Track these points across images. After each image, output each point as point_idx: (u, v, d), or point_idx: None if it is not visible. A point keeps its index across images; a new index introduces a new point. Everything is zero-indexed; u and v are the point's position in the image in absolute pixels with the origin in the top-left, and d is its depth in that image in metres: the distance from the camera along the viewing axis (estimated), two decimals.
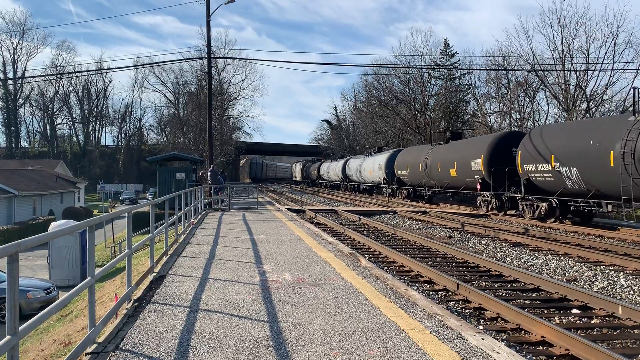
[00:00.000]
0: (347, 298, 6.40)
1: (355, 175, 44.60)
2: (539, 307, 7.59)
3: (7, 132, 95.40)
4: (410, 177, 31.64)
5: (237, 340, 4.79)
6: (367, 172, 40.79)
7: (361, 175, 42.77)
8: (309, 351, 4.50)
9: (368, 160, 41.49)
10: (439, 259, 11.64)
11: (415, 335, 4.94)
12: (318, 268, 8.44)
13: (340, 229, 16.74)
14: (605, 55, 34.98)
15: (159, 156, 39.80)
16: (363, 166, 42.04)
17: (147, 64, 76.18)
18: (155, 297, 6.44)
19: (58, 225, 22.39)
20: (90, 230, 5.21)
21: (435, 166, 27.32)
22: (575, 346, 5.45)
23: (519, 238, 14.42)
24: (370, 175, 40.08)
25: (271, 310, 5.81)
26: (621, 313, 6.85)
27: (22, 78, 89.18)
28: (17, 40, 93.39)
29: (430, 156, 28.26)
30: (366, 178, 41.60)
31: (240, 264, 8.82)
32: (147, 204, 9.33)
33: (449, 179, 26.11)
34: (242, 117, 74.76)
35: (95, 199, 69.58)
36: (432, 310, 5.88)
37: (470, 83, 51.55)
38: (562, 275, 10.11)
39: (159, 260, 9.09)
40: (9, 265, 3.28)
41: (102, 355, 4.46)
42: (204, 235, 13.13)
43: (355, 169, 44.57)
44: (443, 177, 26.63)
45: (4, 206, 38.92)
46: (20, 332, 3.34)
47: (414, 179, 31.21)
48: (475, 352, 4.49)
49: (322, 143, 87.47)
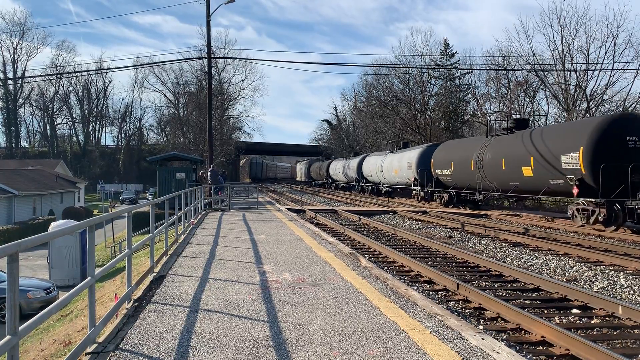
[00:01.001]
0: (347, 298, 6.40)
1: (376, 175, 39.07)
2: (539, 307, 7.59)
3: (7, 132, 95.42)
4: (455, 177, 25.72)
5: (237, 340, 4.79)
6: (390, 172, 35.25)
7: (383, 175, 37.24)
8: (309, 351, 4.50)
9: (392, 157, 35.72)
10: (439, 259, 11.64)
11: (415, 335, 4.94)
12: (318, 268, 8.44)
13: (341, 229, 16.74)
14: (605, 55, 35.08)
15: (159, 156, 39.79)
16: (385, 164, 36.25)
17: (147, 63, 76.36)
18: (155, 297, 6.44)
19: (58, 225, 22.40)
20: (90, 230, 5.21)
21: (496, 163, 21.52)
22: (575, 346, 5.44)
23: (519, 238, 14.42)
24: (395, 176, 34.48)
25: (271, 310, 5.81)
26: (621, 313, 6.84)
27: (22, 78, 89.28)
28: (17, 40, 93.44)
29: (487, 151, 22.27)
30: (389, 178, 35.93)
31: (241, 264, 8.82)
32: (147, 204, 9.33)
33: (518, 180, 20.14)
34: (242, 117, 74.96)
35: (95, 198, 69.57)
36: (432, 310, 5.88)
37: (470, 83, 51.64)
38: (562, 275, 10.11)
39: (159, 260, 9.09)
40: (9, 265, 3.28)
41: (102, 355, 4.46)
42: (204, 235, 13.13)
43: (375, 168, 38.98)
44: (509, 178, 20.72)
45: (4, 206, 38.92)
46: (21, 332, 3.34)
47: (460, 180, 25.27)
48: (475, 352, 4.49)
49: (322, 143, 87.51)
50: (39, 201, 45.05)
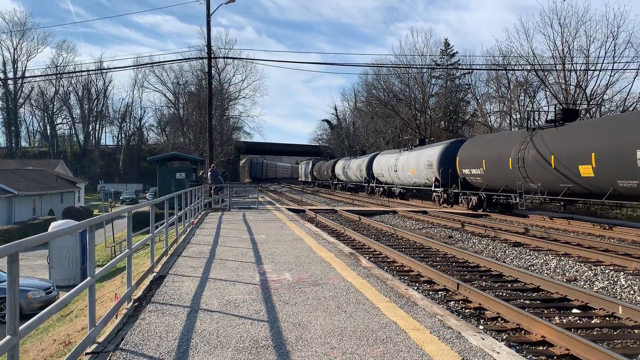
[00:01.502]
0: (347, 298, 6.39)
1: (388, 175, 35.93)
2: (539, 307, 7.59)
3: (7, 132, 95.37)
4: (486, 177, 22.56)
5: (237, 340, 4.79)
6: (406, 171, 32.10)
7: (397, 175, 34.03)
8: (309, 351, 4.50)
9: (408, 155, 32.71)
10: (439, 259, 11.64)
11: (416, 335, 4.94)
12: (318, 268, 8.43)
13: (341, 229, 16.74)
14: (605, 55, 35.03)
15: (159, 156, 39.82)
16: (400, 163, 33.20)
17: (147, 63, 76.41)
18: (155, 297, 6.44)
19: (58, 225, 22.38)
20: (90, 230, 5.21)
21: (543, 161, 18.48)
22: (575, 346, 5.45)
23: (519, 238, 14.42)
24: (412, 176, 31.28)
25: (271, 310, 5.81)
26: (621, 313, 6.85)
27: (22, 78, 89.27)
28: (17, 40, 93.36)
29: (530, 147, 19.30)
30: (405, 179, 32.75)
31: (241, 264, 8.82)
32: (147, 204, 9.33)
33: (573, 181, 17.14)
34: (242, 117, 74.91)
35: (95, 198, 69.56)
36: (432, 310, 5.88)
37: (470, 83, 51.65)
38: (562, 275, 10.11)
39: (159, 260, 9.09)
40: (9, 265, 3.28)
41: (102, 355, 4.46)
42: (204, 235, 13.13)
43: (387, 168, 35.82)
44: (559, 179, 17.81)
45: (4, 206, 38.91)
46: (21, 332, 3.34)
47: (494, 181, 22.15)
48: (475, 352, 4.49)
49: (322, 143, 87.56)
50: (39, 201, 45.04)
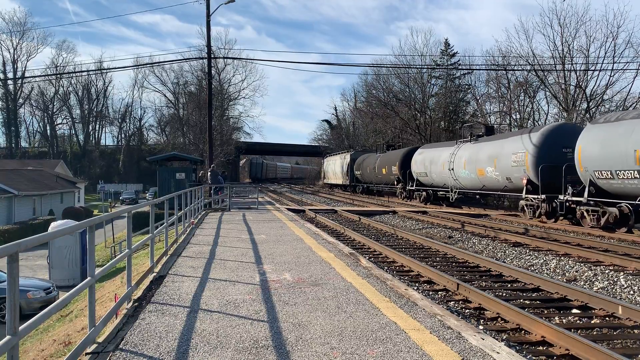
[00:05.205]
0: (347, 298, 6.39)
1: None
2: (539, 307, 7.59)
3: (7, 132, 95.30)
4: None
5: (237, 340, 4.79)
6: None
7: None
8: (309, 351, 4.50)
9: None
10: (439, 259, 11.64)
11: (415, 335, 4.94)
12: (318, 268, 8.43)
13: (340, 229, 16.74)
14: (605, 55, 35.06)
15: (159, 156, 39.81)
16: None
17: (147, 64, 76.38)
18: (155, 297, 6.44)
19: (58, 225, 22.36)
20: (90, 230, 5.21)
21: None
22: (575, 346, 5.45)
23: (519, 238, 14.42)
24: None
25: (271, 310, 5.81)
26: (621, 313, 6.85)
27: (22, 78, 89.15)
28: (17, 40, 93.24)
29: None
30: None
31: (240, 264, 8.81)
32: (147, 204, 9.34)
33: None
34: (242, 117, 75.05)
35: (95, 199, 69.55)
36: (432, 310, 5.88)
37: (470, 83, 51.62)
38: (562, 275, 10.11)
39: (159, 260, 9.09)
40: (9, 265, 3.28)
41: (102, 355, 4.46)
42: (204, 235, 13.13)
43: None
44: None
45: (4, 206, 38.90)
46: (20, 332, 3.34)
47: None
48: (475, 352, 4.49)
49: (322, 143, 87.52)
50: (39, 201, 45.03)
